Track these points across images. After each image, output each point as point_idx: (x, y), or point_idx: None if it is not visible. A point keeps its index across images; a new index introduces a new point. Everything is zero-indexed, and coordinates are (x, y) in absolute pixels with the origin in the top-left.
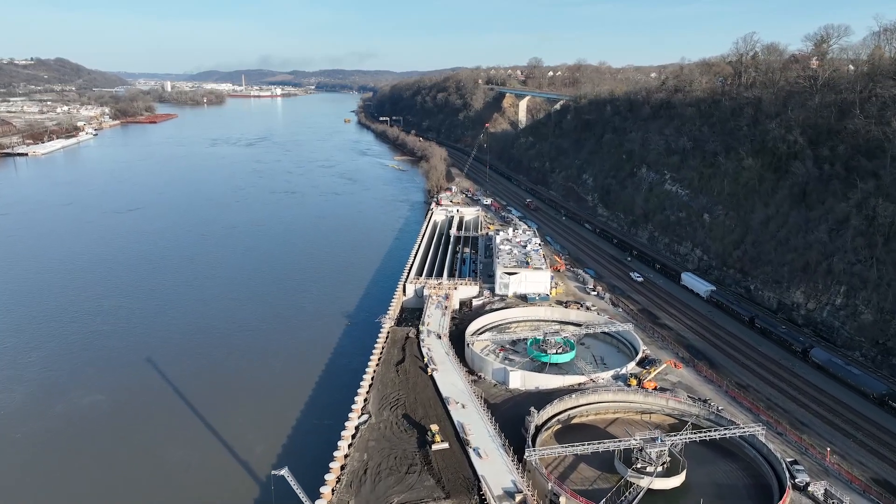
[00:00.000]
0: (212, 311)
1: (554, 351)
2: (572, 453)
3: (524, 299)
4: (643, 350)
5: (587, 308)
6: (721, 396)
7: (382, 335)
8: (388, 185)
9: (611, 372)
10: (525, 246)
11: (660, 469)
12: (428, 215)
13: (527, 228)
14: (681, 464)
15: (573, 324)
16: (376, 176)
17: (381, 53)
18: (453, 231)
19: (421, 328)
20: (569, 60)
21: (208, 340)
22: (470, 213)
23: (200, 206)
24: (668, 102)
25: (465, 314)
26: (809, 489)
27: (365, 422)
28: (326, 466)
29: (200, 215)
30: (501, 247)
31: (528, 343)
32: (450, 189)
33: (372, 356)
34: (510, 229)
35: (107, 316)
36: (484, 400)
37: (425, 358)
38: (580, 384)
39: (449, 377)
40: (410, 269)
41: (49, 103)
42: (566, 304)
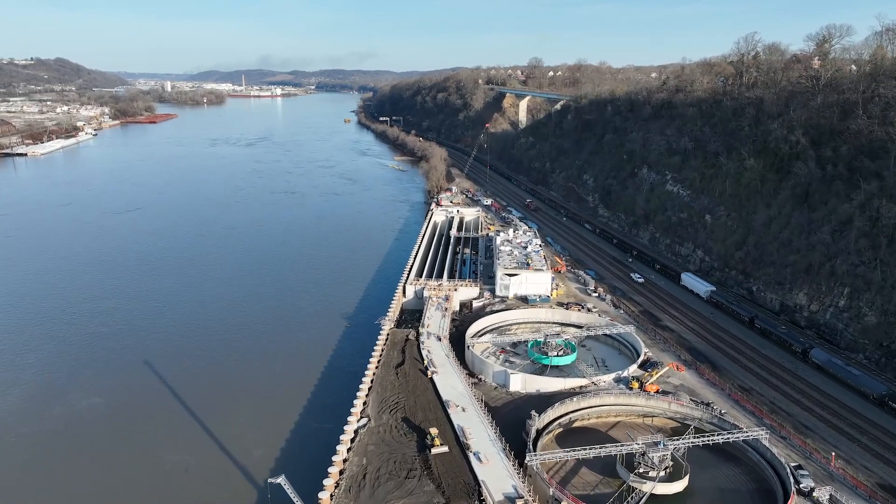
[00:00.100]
0: (210, 313)
1: (555, 353)
2: (574, 457)
3: (525, 301)
4: (645, 352)
5: (588, 310)
6: (724, 399)
7: (382, 337)
8: (388, 186)
9: (612, 375)
10: (526, 247)
11: (662, 474)
12: (428, 216)
13: (527, 229)
14: (684, 468)
15: (574, 326)
16: (376, 176)
17: (381, 53)
18: (453, 232)
19: (421, 330)
20: (569, 60)
21: (207, 342)
22: (470, 214)
23: (200, 207)
24: (670, 102)
25: (466, 316)
26: (814, 494)
27: (364, 425)
28: (325, 471)
29: (200, 215)
30: (502, 248)
31: (529, 345)
32: (450, 189)
33: (371, 358)
34: (511, 230)
35: (105, 317)
36: (484, 403)
37: (425, 360)
38: (581, 387)
39: (449, 380)
40: (410, 271)
41: (49, 103)
42: (567, 306)
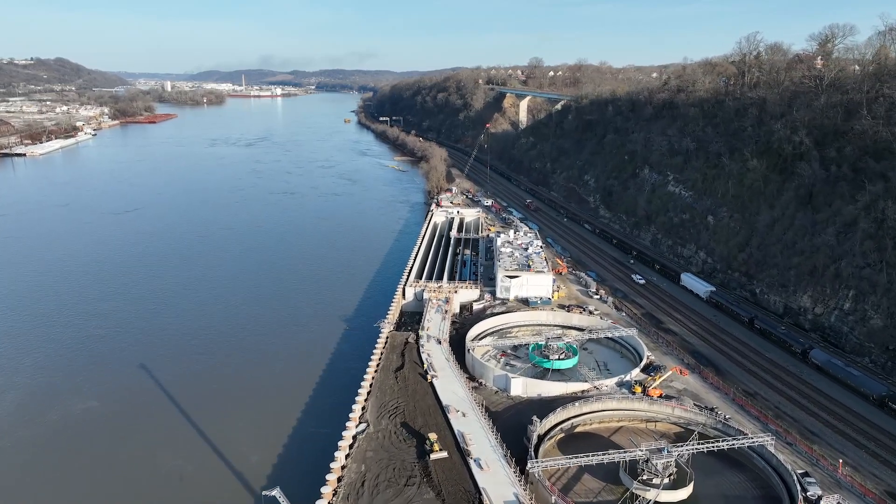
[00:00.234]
0: (209, 314)
1: (556, 357)
2: (576, 464)
3: (526, 303)
4: (648, 356)
5: (590, 312)
6: (728, 404)
7: (381, 340)
8: (388, 186)
9: (615, 379)
10: (526, 248)
11: (666, 481)
12: (428, 217)
13: (528, 230)
14: (688, 475)
15: (576, 328)
16: (376, 176)
17: (381, 53)
18: (453, 233)
19: (420, 333)
20: (569, 60)
21: (205, 344)
22: (470, 215)
23: (199, 207)
24: (671, 102)
25: (466, 318)
26: (822, 503)
27: (363, 431)
28: (322, 478)
29: (199, 216)
30: (502, 249)
31: (530, 348)
32: (450, 190)
33: (370, 362)
34: (511, 231)
35: (102, 319)
36: (485, 408)
37: (425, 364)
38: (583, 391)
39: (449, 384)
40: (410, 272)
41: (48, 103)
42: (568, 308)
